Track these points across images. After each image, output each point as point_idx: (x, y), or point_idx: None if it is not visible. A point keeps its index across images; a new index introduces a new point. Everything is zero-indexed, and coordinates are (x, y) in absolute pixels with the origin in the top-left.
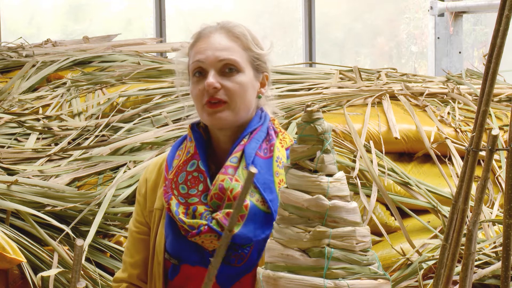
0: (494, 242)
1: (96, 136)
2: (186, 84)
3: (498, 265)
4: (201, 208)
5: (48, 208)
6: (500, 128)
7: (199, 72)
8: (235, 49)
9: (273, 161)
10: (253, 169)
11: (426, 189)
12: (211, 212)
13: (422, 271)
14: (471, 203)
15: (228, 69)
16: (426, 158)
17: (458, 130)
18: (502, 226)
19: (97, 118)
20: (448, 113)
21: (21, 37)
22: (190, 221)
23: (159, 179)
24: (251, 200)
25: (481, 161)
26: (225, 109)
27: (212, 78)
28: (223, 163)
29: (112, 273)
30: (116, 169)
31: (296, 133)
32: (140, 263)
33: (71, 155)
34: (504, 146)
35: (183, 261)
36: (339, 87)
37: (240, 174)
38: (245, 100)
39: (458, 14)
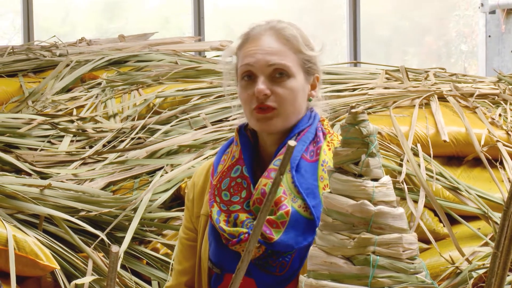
0: None
1: (132, 138)
2: (234, 84)
3: None
4: (242, 216)
5: (82, 213)
6: None
7: (248, 76)
8: (286, 53)
9: (319, 165)
10: (292, 142)
11: (476, 195)
12: (253, 219)
13: (472, 280)
14: None
15: (279, 74)
16: (476, 162)
17: (510, 132)
18: None
19: (133, 119)
20: (500, 115)
21: (54, 36)
22: (231, 229)
23: (206, 183)
24: (293, 206)
25: None
26: (274, 115)
27: (262, 85)
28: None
29: (148, 281)
30: (152, 172)
31: (340, 135)
32: (189, 270)
33: (106, 158)
34: None
35: (226, 270)
36: (385, 88)
37: (283, 177)
38: (295, 105)
39: (510, 11)
